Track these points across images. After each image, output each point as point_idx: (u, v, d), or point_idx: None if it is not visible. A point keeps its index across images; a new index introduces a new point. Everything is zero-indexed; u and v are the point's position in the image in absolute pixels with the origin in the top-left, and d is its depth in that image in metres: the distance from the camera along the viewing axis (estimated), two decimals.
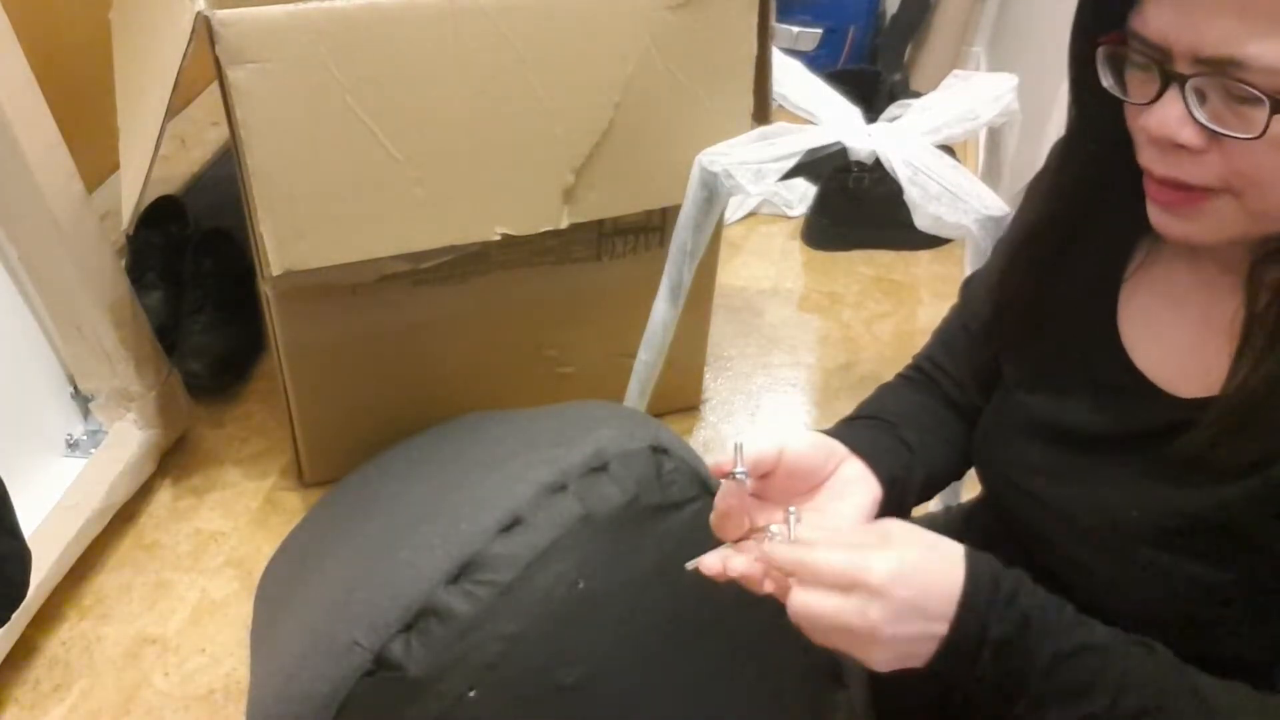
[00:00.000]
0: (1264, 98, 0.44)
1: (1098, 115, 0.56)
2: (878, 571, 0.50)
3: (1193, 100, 0.47)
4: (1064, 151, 0.62)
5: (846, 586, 0.50)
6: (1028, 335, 0.66)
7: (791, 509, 0.57)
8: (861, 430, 0.70)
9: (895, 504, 0.64)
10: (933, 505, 1.30)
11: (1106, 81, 0.53)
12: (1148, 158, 0.52)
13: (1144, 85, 0.51)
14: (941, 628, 0.51)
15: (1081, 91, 0.57)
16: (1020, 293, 0.66)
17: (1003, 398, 0.69)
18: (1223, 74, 0.45)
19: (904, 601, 0.50)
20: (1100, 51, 0.53)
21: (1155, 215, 0.54)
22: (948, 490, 1.28)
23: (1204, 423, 0.53)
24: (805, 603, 0.51)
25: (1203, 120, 0.47)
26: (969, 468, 0.74)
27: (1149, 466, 0.57)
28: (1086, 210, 0.62)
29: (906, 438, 0.70)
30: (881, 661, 0.52)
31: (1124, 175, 0.57)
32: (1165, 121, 0.48)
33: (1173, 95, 0.48)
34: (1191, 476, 0.54)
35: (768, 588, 0.55)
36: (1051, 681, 0.51)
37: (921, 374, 0.78)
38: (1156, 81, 0.49)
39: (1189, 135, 0.48)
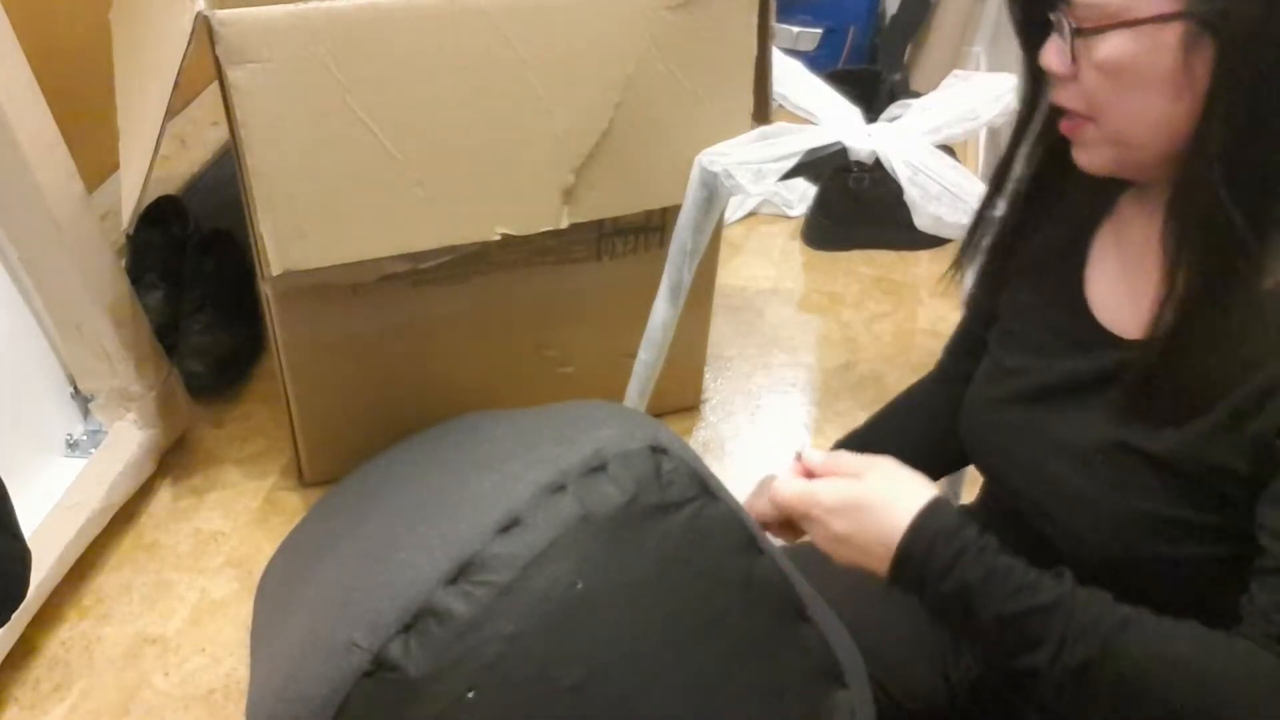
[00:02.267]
0: (1068, 24, 0.54)
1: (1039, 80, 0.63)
2: (824, 500, 0.61)
3: (1067, 33, 0.56)
4: (1019, 121, 0.68)
5: (806, 506, 0.62)
6: (1007, 304, 0.72)
7: (799, 449, 0.68)
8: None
9: None
10: None
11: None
12: (1052, 89, 0.60)
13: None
14: (881, 566, 0.59)
15: (1030, 54, 0.64)
16: (991, 261, 0.73)
17: (984, 370, 0.74)
18: (1062, 10, 0.55)
19: (841, 533, 0.61)
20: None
21: (1073, 150, 0.61)
22: (948, 494, 1.29)
23: (1136, 359, 0.58)
24: (775, 499, 0.65)
25: (1062, 48, 0.56)
26: None
27: (1110, 411, 0.61)
28: (1046, 182, 0.68)
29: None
30: (845, 566, 0.63)
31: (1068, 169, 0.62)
32: (1048, 53, 0.58)
33: (1057, 33, 0.57)
34: (1144, 420, 0.59)
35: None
36: (997, 637, 0.56)
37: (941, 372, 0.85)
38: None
39: (1057, 64, 0.57)
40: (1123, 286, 0.64)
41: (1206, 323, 0.55)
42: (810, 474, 0.65)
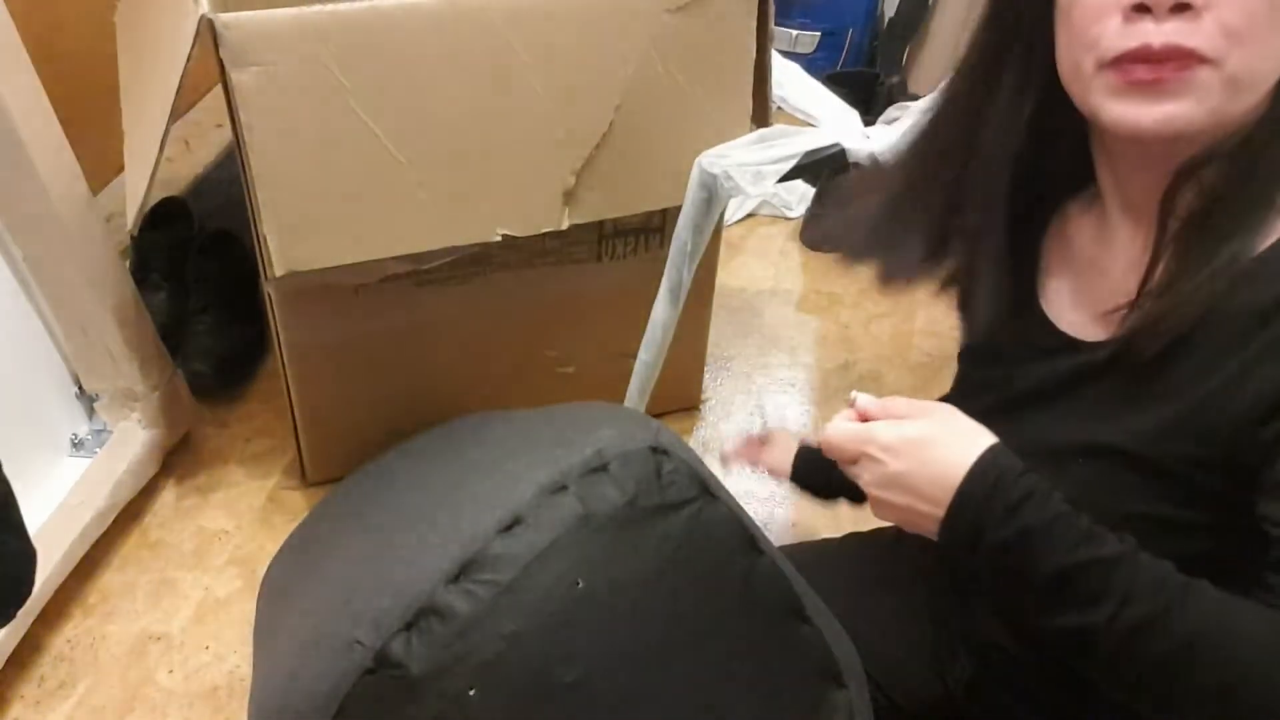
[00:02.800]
0: None
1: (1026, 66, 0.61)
2: (881, 438, 0.58)
3: None
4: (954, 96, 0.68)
5: (861, 445, 0.59)
6: (970, 321, 0.74)
7: (853, 395, 0.64)
8: None
9: None
10: None
11: None
12: (1142, 36, 0.53)
13: None
14: (936, 511, 0.56)
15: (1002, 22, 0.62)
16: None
17: (957, 386, 0.76)
18: None
19: (896, 472, 0.57)
20: None
21: (1129, 109, 0.55)
22: None
23: (1109, 356, 0.58)
24: (827, 441, 0.61)
25: None
26: None
27: (1081, 413, 0.61)
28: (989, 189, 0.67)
29: None
30: (890, 520, 0.60)
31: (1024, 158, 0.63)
32: None
33: None
34: (1110, 414, 0.59)
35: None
36: (1054, 591, 0.53)
37: None
38: None
39: None
40: (1079, 293, 0.65)
41: (1184, 299, 0.54)
42: (865, 420, 0.62)
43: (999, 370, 0.69)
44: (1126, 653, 0.51)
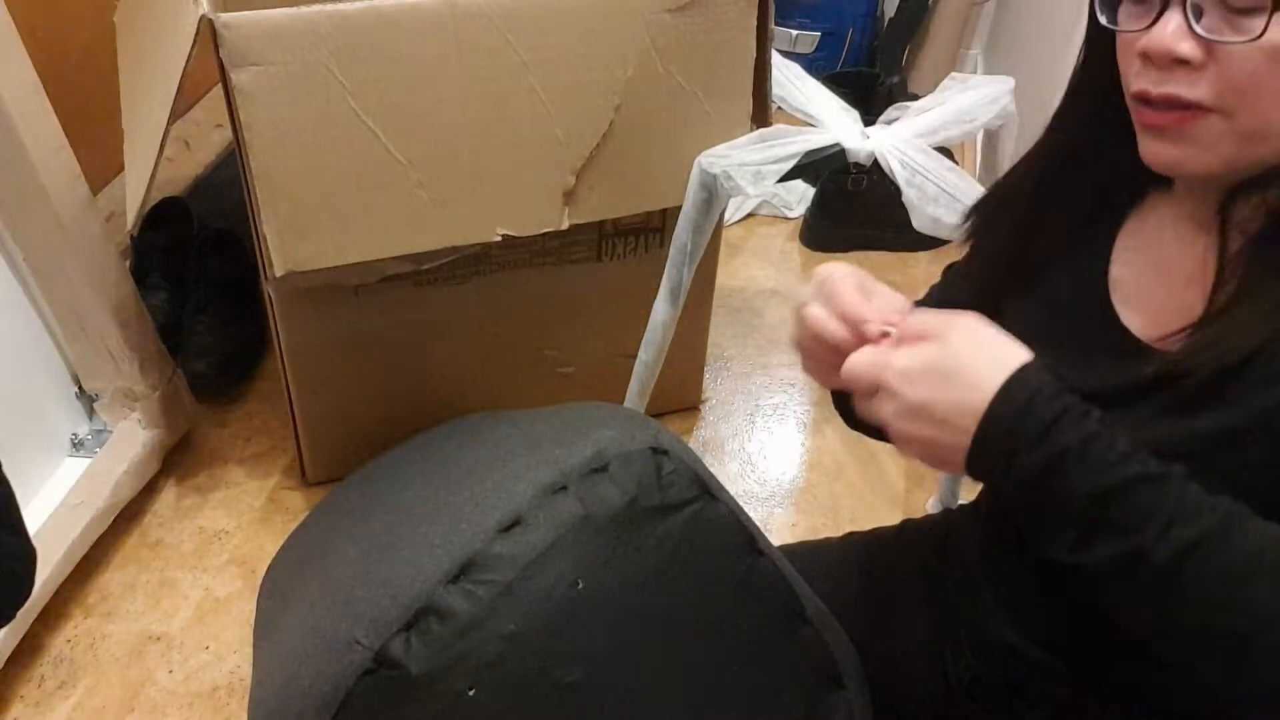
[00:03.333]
0: (1266, 2, 0.48)
1: (1102, 68, 0.60)
2: (898, 364, 0.54)
3: (1191, 14, 0.51)
4: (1063, 107, 0.66)
5: (878, 371, 0.55)
6: (1019, 299, 0.69)
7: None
8: None
9: None
10: (930, 506, 1.30)
11: (1104, 18, 0.56)
12: (1145, 81, 0.54)
13: (1142, 16, 0.54)
14: (963, 440, 0.51)
15: (1093, 41, 0.61)
16: (1003, 247, 0.69)
17: None
18: None
19: (918, 403, 0.52)
20: None
21: (1146, 145, 0.56)
22: (946, 494, 1.29)
23: (1179, 370, 0.54)
24: (846, 371, 0.56)
25: (1201, 32, 0.51)
26: None
27: (1142, 417, 0.58)
28: (1076, 167, 0.65)
29: None
30: (914, 455, 0.55)
31: (1110, 147, 0.61)
32: (1163, 38, 0.51)
33: (1172, 12, 0.52)
34: (1156, 420, 0.55)
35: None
36: (1095, 516, 0.49)
37: None
38: (1156, 7, 0.52)
39: (1189, 49, 0.51)
40: (1141, 289, 0.62)
41: (1241, 329, 0.52)
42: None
43: (1051, 357, 0.67)
44: (1176, 576, 0.47)
